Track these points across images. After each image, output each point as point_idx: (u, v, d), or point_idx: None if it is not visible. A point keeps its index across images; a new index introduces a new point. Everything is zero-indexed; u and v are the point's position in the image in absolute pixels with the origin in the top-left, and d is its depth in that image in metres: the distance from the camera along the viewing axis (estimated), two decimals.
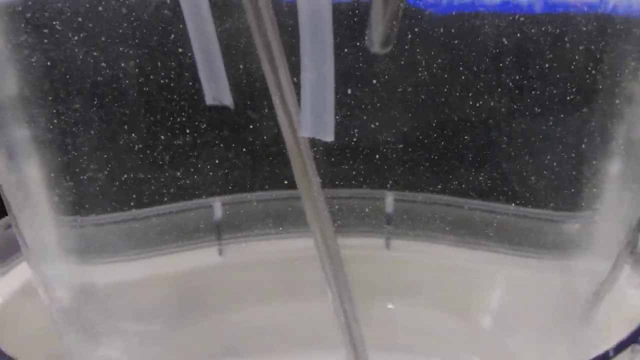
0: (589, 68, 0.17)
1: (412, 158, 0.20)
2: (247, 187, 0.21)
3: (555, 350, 0.17)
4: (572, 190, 0.19)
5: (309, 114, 0.17)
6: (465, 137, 0.19)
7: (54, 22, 0.17)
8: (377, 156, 0.20)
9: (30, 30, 0.18)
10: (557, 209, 0.19)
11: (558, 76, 0.18)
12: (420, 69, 0.18)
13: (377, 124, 0.19)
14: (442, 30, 0.18)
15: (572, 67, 0.18)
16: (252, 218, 0.22)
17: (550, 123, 0.18)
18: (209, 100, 0.19)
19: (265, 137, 0.19)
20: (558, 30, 0.17)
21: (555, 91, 0.18)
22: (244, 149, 0.20)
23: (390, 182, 0.21)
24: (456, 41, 0.18)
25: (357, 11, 0.19)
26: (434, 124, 0.19)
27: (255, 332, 0.21)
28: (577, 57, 0.18)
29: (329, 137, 0.17)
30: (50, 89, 0.18)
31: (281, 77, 0.18)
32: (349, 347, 0.19)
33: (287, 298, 0.21)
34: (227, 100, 0.19)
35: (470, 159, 0.19)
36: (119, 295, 0.21)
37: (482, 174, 0.19)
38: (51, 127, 0.18)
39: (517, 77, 0.18)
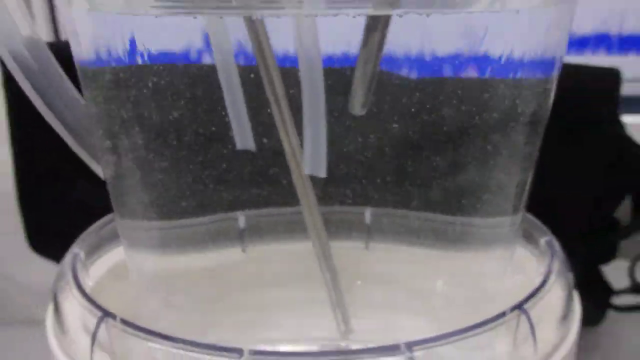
0: (502, 127, 0.25)
1: (383, 184, 0.28)
2: (263, 205, 0.28)
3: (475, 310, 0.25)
4: (495, 203, 0.27)
5: (309, 156, 0.25)
6: (419, 168, 0.27)
7: (139, 84, 0.25)
8: (357, 184, 0.27)
9: (117, 88, 0.25)
10: (484, 217, 0.27)
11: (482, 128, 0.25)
12: (386, 124, 0.26)
13: (357, 161, 0.27)
14: (407, 92, 0.26)
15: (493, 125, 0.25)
16: (267, 227, 0.30)
17: (477, 159, 0.26)
18: (238, 145, 0.26)
19: (277, 171, 0.27)
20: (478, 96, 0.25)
21: (479, 137, 0.25)
22: (262, 179, 0.27)
23: (368, 200, 0.29)
24: (416, 102, 0.26)
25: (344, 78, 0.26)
26: (396, 160, 0.27)
27: (268, 306, 0.29)
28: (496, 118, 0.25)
29: (323, 174, 0.24)
30: (130, 129, 0.25)
31: (288, 129, 0.26)
32: (337, 310, 0.27)
33: (294, 283, 0.29)
34: (251, 145, 0.26)
35: (423, 184, 0.27)
36: (175, 279, 0.28)
37: (431, 194, 0.27)
38: (134, 157, 0.26)
39: (456, 129, 0.26)
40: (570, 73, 0.29)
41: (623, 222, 0.35)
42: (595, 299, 0.37)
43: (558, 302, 0.26)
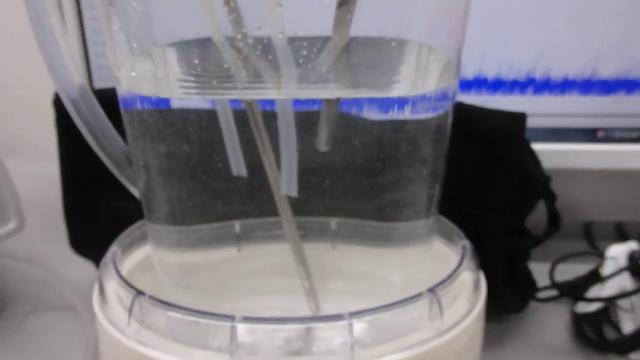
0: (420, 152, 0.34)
1: (342, 201, 0.37)
2: (253, 216, 0.38)
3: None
4: (413, 212, 0.36)
5: (285, 181, 0.34)
6: (364, 189, 0.36)
7: (164, 126, 0.34)
8: (325, 201, 0.37)
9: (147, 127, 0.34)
10: (408, 221, 0.36)
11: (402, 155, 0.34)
12: (343, 158, 0.35)
13: (323, 185, 0.36)
14: (354, 132, 0.35)
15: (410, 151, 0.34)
16: (256, 232, 0.39)
17: (399, 182, 0.35)
18: (234, 172, 0.36)
19: (262, 191, 0.36)
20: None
21: (399, 166, 0.34)
22: (252, 197, 0.36)
23: (333, 213, 0.38)
24: (361, 141, 0.35)
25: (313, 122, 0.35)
26: (350, 184, 0.36)
27: (258, 292, 0.38)
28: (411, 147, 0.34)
29: (294, 194, 0.34)
30: (157, 160, 0.35)
31: (271, 162, 0.35)
32: (309, 294, 0.36)
33: (277, 274, 0.37)
34: (243, 172, 0.36)
35: (367, 200, 0.36)
36: (187, 270, 0.38)
37: (372, 208, 0.36)
38: (160, 180, 0.35)
39: (384, 161, 0.35)
40: (489, 116, 0.39)
41: (536, 233, 0.44)
42: (522, 293, 0.46)
43: (468, 284, 0.35)
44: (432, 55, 0.32)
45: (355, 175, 0.35)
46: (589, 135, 0.51)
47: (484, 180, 0.41)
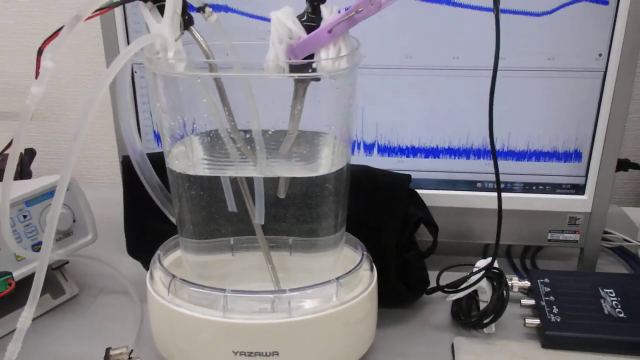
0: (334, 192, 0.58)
1: (292, 225, 0.61)
2: (241, 234, 0.62)
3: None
4: (327, 229, 0.60)
5: (258, 214, 0.58)
6: (301, 217, 0.59)
7: (190, 183, 0.58)
8: (282, 225, 0.60)
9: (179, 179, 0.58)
10: (324, 236, 0.59)
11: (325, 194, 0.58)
12: (290, 201, 0.59)
13: (280, 217, 0.60)
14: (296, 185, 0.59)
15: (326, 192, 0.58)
16: (243, 244, 0.63)
17: (317, 212, 0.59)
18: (229, 208, 0.59)
19: (245, 220, 0.60)
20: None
21: (316, 202, 0.58)
22: (239, 223, 0.60)
23: (289, 232, 0.62)
24: (299, 191, 0.59)
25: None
26: (294, 215, 0.60)
27: (247, 279, 0.62)
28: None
29: (262, 222, 0.58)
30: (185, 199, 0.59)
31: (249, 201, 0.59)
32: (275, 281, 0.60)
33: (255, 270, 0.60)
34: (234, 209, 0.59)
35: (303, 222, 0.60)
36: (200, 266, 0.62)
37: (305, 228, 0.60)
38: (187, 211, 0.59)
39: (311, 198, 0.58)
40: (387, 175, 0.63)
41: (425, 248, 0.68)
42: (417, 289, 0.69)
43: (365, 277, 0.58)
44: (338, 143, 0.56)
45: (298, 210, 0.58)
46: (472, 185, 0.74)
47: (382, 214, 0.64)
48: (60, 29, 0.45)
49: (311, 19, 0.50)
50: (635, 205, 1.02)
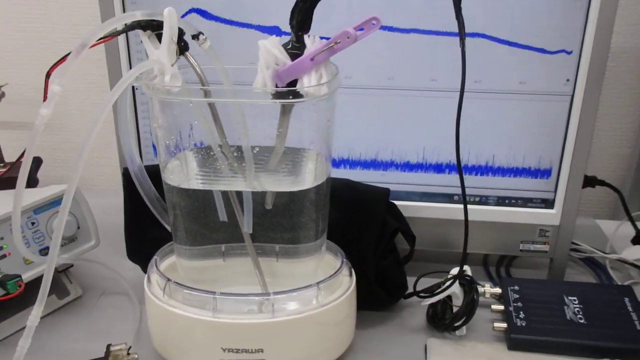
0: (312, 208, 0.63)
1: (278, 234, 0.66)
2: (232, 241, 0.67)
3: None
4: (309, 237, 0.64)
5: (246, 223, 0.63)
6: (286, 227, 0.64)
7: (184, 195, 0.63)
8: (269, 233, 0.65)
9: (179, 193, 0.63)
10: (306, 242, 0.64)
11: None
12: (277, 211, 0.64)
13: (267, 226, 0.65)
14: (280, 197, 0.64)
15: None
16: (234, 251, 0.68)
17: (299, 220, 0.64)
18: (220, 218, 0.64)
19: (236, 228, 0.65)
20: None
21: (298, 212, 0.63)
22: (231, 231, 0.65)
23: (276, 240, 0.67)
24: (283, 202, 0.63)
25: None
26: (281, 224, 0.64)
27: (236, 283, 0.67)
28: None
29: (251, 231, 0.62)
30: (179, 210, 0.64)
31: (238, 212, 0.64)
32: (262, 285, 0.65)
33: (245, 275, 0.65)
34: (225, 218, 0.64)
35: (287, 231, 0.65)
36: (194, 270, 0.66)
37: (289, 237, 0.65)
38: (182, 220, 0.64)
39: (295, 209, 0.63)
40: (367, 189, 0.68)
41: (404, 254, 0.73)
42: (395, 293, 0.74)
43: (345, 281, 0.63)
44: (320, 159, 0.61)
45: (283, 219, 0.63)
46: (449, 198, 0.79)
47: (360, 225, 0.69)
48: (68, 55, 0.50)
49: (296, 47, 0.55)
50: (611, 218, 1.07)
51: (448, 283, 0.69)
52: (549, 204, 0.78)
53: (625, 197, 0.93)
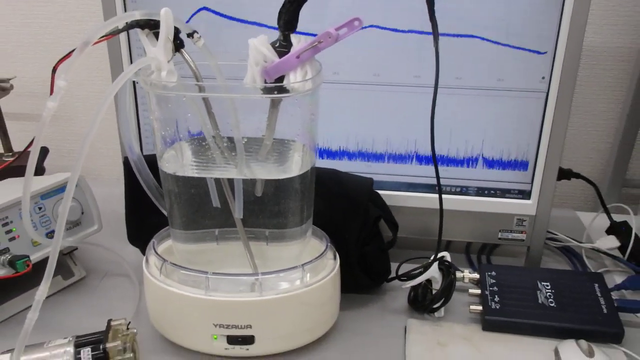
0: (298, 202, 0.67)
1: (268, 219, 0.70)
2: (224, 226, 0.71)
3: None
4: (295, 222, 0.69)
5: (237, 208, 0.67)
6: (275, 212, 0.69)
7: (180, 182, 0.67)
8: (258, 218, 0.70)
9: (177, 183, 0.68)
10: (293, 227, 0.69)
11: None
12: (266, 198, 0.68)
13: (257, 211, 0.69)
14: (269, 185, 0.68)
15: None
16: (227, 235, 0.72)
17: (287, 206, 0.68)
18: (214, 204, 0.68)
19: (228, 214, 0.69)
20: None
21: (285, 198, 0.67)
22: (223, 216, 0.69)
23: (265, 225, 0.71)
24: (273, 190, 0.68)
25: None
26: (269, 210, 0.69)
27: (229, 264, 0.71)
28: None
29: (241, 216, 0.67)
30: (175, 196, 0.68)
31: (230, 198, 0.68)
32: (252, 266, 0.69)
33: (237, 257, 0.69)
34: (218, 204, 0.68)
35: (276, 217, 0.69)
36: (189, 253, 0.70)
37: (278, 222, 0.69)
38: (176, 206, 0.68)
39: (283, 195, 0.68)
40: (351, 178, 0.72)
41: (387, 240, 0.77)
42: (378, 277, 0.79)
43: (329, 264, 0.67)
44: (305, 149, 0.65)
45: (272, 205, 0.67)
46: (431, 188, 0.83)
47: (345, 213, 0.73)
48: (73, 51, 0.54)
49: (283, 46, 0.59)
50: (592, 210, 1.11)
51: (427, 267, 0.73)
52: (525, 194, 0.82)
53: (605, 189, 0.97)
